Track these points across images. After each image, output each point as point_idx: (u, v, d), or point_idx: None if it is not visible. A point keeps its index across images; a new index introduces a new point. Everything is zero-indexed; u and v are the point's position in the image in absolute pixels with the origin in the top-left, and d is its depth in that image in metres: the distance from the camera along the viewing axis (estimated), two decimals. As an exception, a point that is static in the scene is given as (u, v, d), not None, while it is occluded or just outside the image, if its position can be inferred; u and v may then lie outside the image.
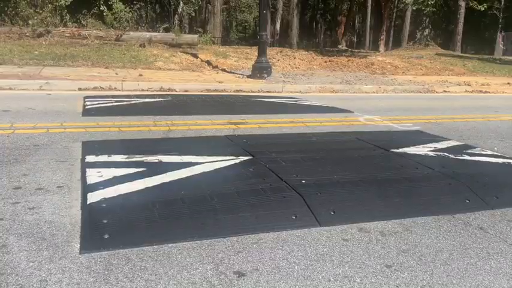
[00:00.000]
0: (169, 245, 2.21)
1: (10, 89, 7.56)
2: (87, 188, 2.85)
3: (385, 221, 2.64)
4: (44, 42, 12.64)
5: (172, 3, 20.74)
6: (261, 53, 10.87)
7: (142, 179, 3.02)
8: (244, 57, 14.48)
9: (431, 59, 17.45)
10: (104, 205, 2.60)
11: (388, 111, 6.96)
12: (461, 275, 2.08)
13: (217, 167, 3.40)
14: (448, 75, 14.36)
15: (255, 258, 2.14)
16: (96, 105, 6.22)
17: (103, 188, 2.84)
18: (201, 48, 15.14)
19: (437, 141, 4.72)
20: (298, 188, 2.97)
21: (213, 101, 7.37)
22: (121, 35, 13.94)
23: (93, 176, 3.07)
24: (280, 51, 16.56)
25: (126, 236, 2.27)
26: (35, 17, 13.99)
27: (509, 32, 25.02)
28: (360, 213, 2.72)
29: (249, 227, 2.44)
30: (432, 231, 2.55)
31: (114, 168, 3.24)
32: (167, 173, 3.16)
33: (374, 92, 10.06)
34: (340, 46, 24.42)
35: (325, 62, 15.04)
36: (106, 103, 6.46)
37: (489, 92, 11.05)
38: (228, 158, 3.65)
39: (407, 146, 4.39)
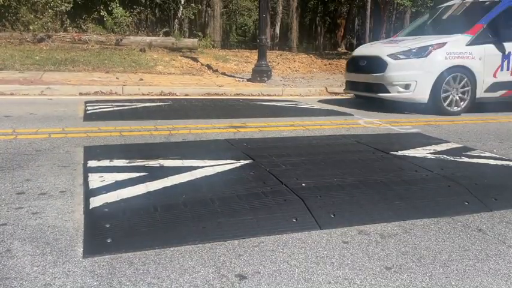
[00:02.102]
0: (171, 249, 2.24)
1: (12, 94, 7.61)
2: (89, 193, 2.88)
3: (385, 224, 2.67)
4: (44, 47, 12.71)
5: (172, 8, 20.83)
6: (261, 56, 10.92)
7: (144, 184, 3.05)
8: (244, 60, 14.54)
9: (431, 61, 17.46)
10: (107, 209, 2.63)
11: (388, 114, 6.99)
12: (460, 276, 2.10)
13: (218, 170, 3.43)
14: (448, 77, 14.36)
15: (256, 261, 2.17)
16: (97, 110, 6.25)
17: (105, 193, 2.87)
18: (201, 52, 15.20)
19: (436, 144, 4.75)
20: (298, 191, 3.00)
21: (213, 104, 7.41)
22: (121, 40, 14.01)
23: (95, 180, 3.10)
24: (280, 55, 16.62)
25: (129, 240, 2.30)
26: (36, 22, 14.07)
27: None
28: (360, 216, 2.74)
29: (250, 230, 2.47)
30: (431, 233, 2.57)
31: (116, 173, 3.27)
32: (168, 177, 3.19)
33: (374, 95, 10.08)
34: (339, 49, 24.49)
35: (325, 64, 15.10)
36: (107, 108, 6.49)
37: (489, 94, 11.06)
38: (228, 161, 3.68)
39: (407, 148, 4.42)
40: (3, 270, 1.98)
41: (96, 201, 2.73)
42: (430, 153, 4.30)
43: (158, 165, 3.52)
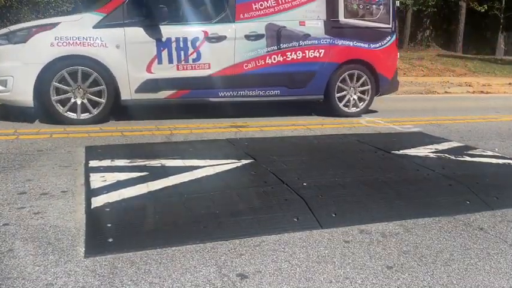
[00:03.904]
0: (173, 248, 2.24)
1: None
2: (91, 193, 2.89)
3: (386, 223, 2.67)
4: (46, 48, 12.70)
5: (173, 7, 20.81)
6: (262, 56, 10.86)
7: (145, 183, 3.05)
8: (246, 60, 14.49)
9: (433, 60, 17.46)
10: (108, 209, 2.64)
11: (389, 113, 6.98)
12: (461, 275, 2.10)
13: (219, 170, 3.43)
14: (450, 76, 14.36)
15: (257, 260, 2.17)
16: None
17: (106, 193, 2.87)
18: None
19: (438, 143, 4.74)
20: (299, 191, 3.00)
21: (213, 104, 7.38)
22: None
23: (97, 180, 3.11)
24: (281, 54, 16.56)
25: (130, 239, 2.31)
26: (37, 23, 14.06)
27: (511, 32, 25.03)
28: (361, 215, 2.74)
29: (251, 230, 2.47)
30: (433, 232, 2.57)
31: (117, 173, 3.27)
32: (170, 177, 3.19)
33: (375, 94, 10.07)
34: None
35: (326, 64, 15.03)
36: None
37: (490, 93, 11.05)
38: (230, 161, 3.68)
39: (408, 147, 4.42)
40: (5, 270, 1.99)
41: (97, 201, 2.73)
42: (432, 152, 4.29)
43: (159, 165, 3.52)
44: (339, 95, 6.29)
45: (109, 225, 2.44)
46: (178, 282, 1.95)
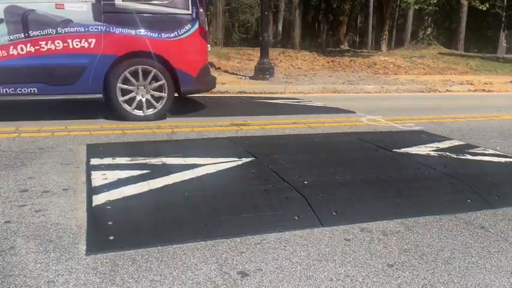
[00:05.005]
0: (174, 246, 2.25)
1: (15, 92, 7.62)
2: (92, 191, 2.89)
3: (387, 221, 2.67)
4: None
5: (174, 5, 20.80)
6: (263, 54, 10.89)
7: (146, 181, 3.06)
8: (247, 58, 14.52)
9: (434, 58, 17.43)
10: (109, 207, 2.64)
11: (391, 111, 6.97)
12: (462, 273, 2.10)
13: (220, 168, 3.44)
14: (451, 74, 14.34)
15: (258, 258, 2.17)
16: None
17: (108, 191, 2.88)
18: (203, 49, 15.13)
19: (439, 141, 4.74)
20: (300, 189, 3.00)
21: (215, 102, 7.41)
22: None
23: (98, 178, 3.11)
24: (283, 52, 16.58)
25: (131, 237, 2.31)
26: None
27: (512, 30, 24.96)
28: (362, 213, 2.74)
29: (252, 228, 2.48)
30: (434, 230, 2.57)
31: (118, 171, 3.28)
32: (171, 175, 3.20)
33: (376, 92, 10.08)
34: (342, 46, 24.44)
35: (328, 62, 15.05)
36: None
37: (492, 91, 11.04)
38: (230, 159, 3.68)
39: (410, 146, 4.41)
40: (7, 267, 2.00)
41: (98, 199, 2.74)
42: (433, 150, 4.29)
43: (160, 163, 3.53)
44: (124, 95, 5.30)
45: (110, 223, 2.44)
46: (179, 279, 1.96)
